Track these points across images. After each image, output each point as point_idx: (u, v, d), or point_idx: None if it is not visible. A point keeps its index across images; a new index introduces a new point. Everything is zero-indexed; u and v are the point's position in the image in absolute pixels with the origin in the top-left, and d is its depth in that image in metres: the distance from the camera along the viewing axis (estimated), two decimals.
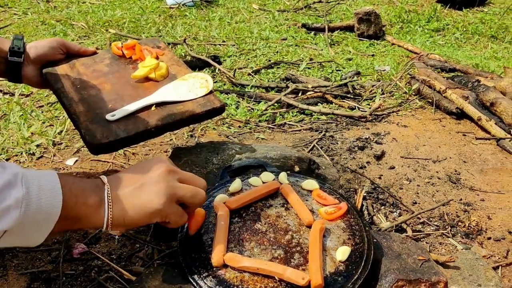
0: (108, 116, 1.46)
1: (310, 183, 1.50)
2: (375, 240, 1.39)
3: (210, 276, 1.22)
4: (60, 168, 2.07)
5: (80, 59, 1.80)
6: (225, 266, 1.24)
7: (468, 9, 5.44)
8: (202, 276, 1.22)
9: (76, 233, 1.72)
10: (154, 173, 1.08)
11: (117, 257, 1.64)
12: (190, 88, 1.61)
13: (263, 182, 1.50)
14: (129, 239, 1.71)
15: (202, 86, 1.61)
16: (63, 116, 2.49)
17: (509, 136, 2.44)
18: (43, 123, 2.45)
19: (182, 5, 4.90)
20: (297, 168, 1.65)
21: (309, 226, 1.34)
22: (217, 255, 1.24)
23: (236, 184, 1.49)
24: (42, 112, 2.56)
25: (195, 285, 1.20)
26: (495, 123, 2.53)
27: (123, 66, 1.77)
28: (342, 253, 1.27)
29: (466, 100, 2.71)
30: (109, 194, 1.02)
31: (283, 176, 1.52)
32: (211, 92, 1.60)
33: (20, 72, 1.69)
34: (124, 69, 1.75)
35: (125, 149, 2.21)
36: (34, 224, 0.91)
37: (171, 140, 2.34)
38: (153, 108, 1.52)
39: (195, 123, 1.65)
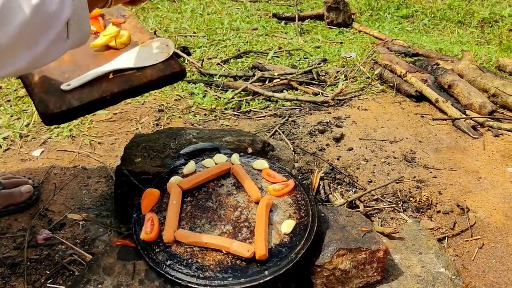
0: (63, 86, 1.43)
1: (261, 163, 1.57)
2: (322, 214, 1.47)
3: (162, 252, 1.28)
4: (27, 159, 2.12)
5: None
6: (176, 242, 1.31)
7: None
8: (154, 252, 1.29)
9: (41, 220, 1.78)
10: None
11: (81, 241, 1.70)
12: (150, 54, 1.57)
13: (216, 164, 1.57)
14: (93, 224, 1.77)
15: (163, 51, 1.57)
16: (31, 109, 2.53)
17: (464, 116, 2.54)
18: (11, 116, 2.49)
19: None
20: (250, 150, 1.72)
21: (258, 203, 1.41)
22: (168, 232, 1.31)
23: (190, 166, 1.55)
24: (11, 106, 2.59)
25: (148, 260, 1.27)
26: (452, 104, 2.63)
27: None
28: (287, 226, 1.34)
29: (425, 83, 2.81)
30: None
31: (235, 157, 1.59)
32: (172, 57, 1.56)
33: None
34: None
35: (90, 138, 2.27)
36: (79, 10, 1.07)
37: (137, 129, 2.40)
38: (110, 75, 1.49)
39: (154, 89, 1.59)
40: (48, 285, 1.52)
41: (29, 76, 1.53)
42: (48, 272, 1.57)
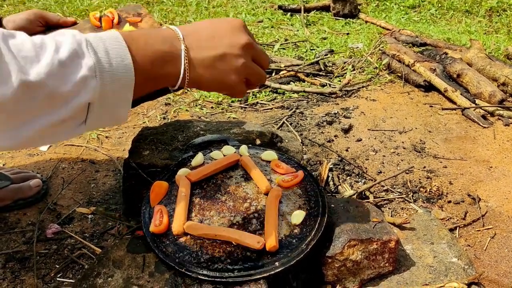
0: None
1: (269, 154, 1.55)
2: (332, 205, 1.46)
3: (171, 244, 1.27)
4: (35, 154, 2.11)
5: (59, 31, 1.77)
6: (185, 234, 1.29)
7: None
8: (163, 245, 1.28)
9: (50, 214, 1.78)
10: (236, 42, 0.99)
11: (90, 235, 1.70)
12: None
13: (224, 155, 1.55)
14: (102, 217, 1.77)
15: None
16: None
17: (473, 105, 2.51)
18: None
19: None
20: (258, 141, 1.71)
21: (267, 194, 1.39)
22: (177, 224, 1.30)
23: (198, 158, 1.54)
24: None
25: (157, 252, 1.26)
26: (461, 94, 2.60)
27: None
28: (297, 217, 1.33)
29: (433, 73, 2.77)
30: (186, 58, 0.94)
31: (243, 148, 1.57)
32: None
33: None
34: None
35: (98, 133, 2.26)
36: (114, 93, 0.85)
37: (144, 122, 2.39)
38: None
39: (167, 93, 1.60)
40: (57, 279, 1.52)
41: None
42: (57, 266, 1.57)
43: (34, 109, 0.78)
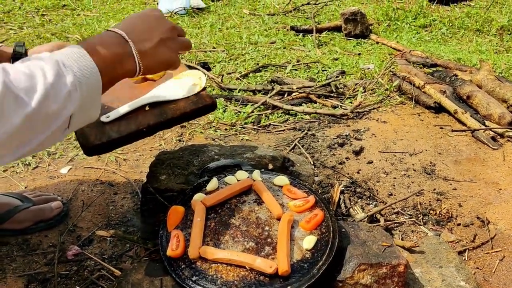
0: (103, 118, 1.51)
1: (281, 179, 1.61)
2: (343, 230, 1.51)
3: (187, 268, 1.33)
4: (55, 177, 2.19)
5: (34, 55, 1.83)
6: (201, 258, 1.35)
7: (455, 4, 5.52)
8: (180, 268, 1.33)
9: (70, 236, 1.84)
10: (164, 28, 1.23)
11: (108, 256, 1.76)
12: (183, 86, 1.65)
13: (238, 180, 1.61)
14: (120, 240, 1.83)
15: (195, 83, 1.65)
16: None
17: (483, 127, 2.55)
18: None
19: (175, 13, 5.03)
20: (271, 166, 1.76)
21: (279, 219, 1.45)
22: (193, 249, 1.36)
23: (213, 183, 1.60)
24: None
25: (174, 276, 1.32)
26: (471, 115, 2.64)
27: None
28: (309, 242, 1.38)
29: (443, 94, 2.82)
30: (136, 53, 1.15)
31: (256, 173, 1.63)
32: (204, 89, 1.63)
33: None
34: None
35: (116, 155, 2.34)
36: (89, 98, 1.05)
37: (160, 145, 2.46)
38: (146, 108, 1.57)
39: (187, 120, 1.67)
40: None
41: None
42: (78, 287, 1.63)
43: (34, 132, 0.96)
